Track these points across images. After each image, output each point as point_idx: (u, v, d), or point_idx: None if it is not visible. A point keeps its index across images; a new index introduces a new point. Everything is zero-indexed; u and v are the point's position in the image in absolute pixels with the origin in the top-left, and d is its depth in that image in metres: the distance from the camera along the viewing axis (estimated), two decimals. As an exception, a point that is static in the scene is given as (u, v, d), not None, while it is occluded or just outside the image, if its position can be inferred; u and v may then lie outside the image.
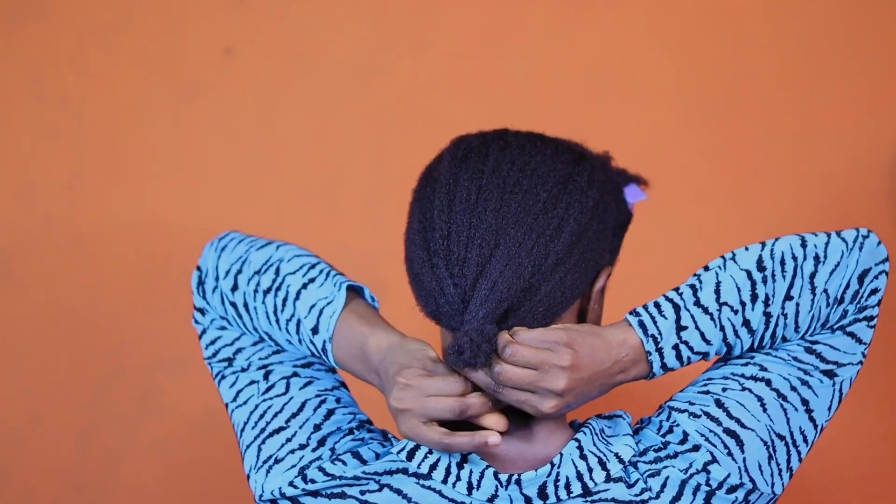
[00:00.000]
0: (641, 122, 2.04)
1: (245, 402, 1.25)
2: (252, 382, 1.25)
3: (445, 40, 2.04)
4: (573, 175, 1.19)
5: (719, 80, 2.04)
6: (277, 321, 1.24)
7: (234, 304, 1.27)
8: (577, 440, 1.17)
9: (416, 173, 1.26)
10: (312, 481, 1.17)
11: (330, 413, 1.23)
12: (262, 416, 1.23)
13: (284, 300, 1.23)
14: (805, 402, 1.19)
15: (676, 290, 1.18)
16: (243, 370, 1.26)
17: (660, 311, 1.17)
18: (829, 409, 1.20)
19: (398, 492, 1.16)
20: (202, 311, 1.31)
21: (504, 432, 1.16)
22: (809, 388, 1.19)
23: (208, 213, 2.00)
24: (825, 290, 1.18)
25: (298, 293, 1.23)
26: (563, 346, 1.13)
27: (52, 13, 1.99)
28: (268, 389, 1.24)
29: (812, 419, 1.19)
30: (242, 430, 1.24)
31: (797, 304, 1.18)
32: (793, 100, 2.04)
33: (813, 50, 2.04)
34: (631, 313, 1.17)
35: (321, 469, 1.18)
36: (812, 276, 1.18)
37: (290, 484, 1.18)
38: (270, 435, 1.22)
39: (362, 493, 1.17)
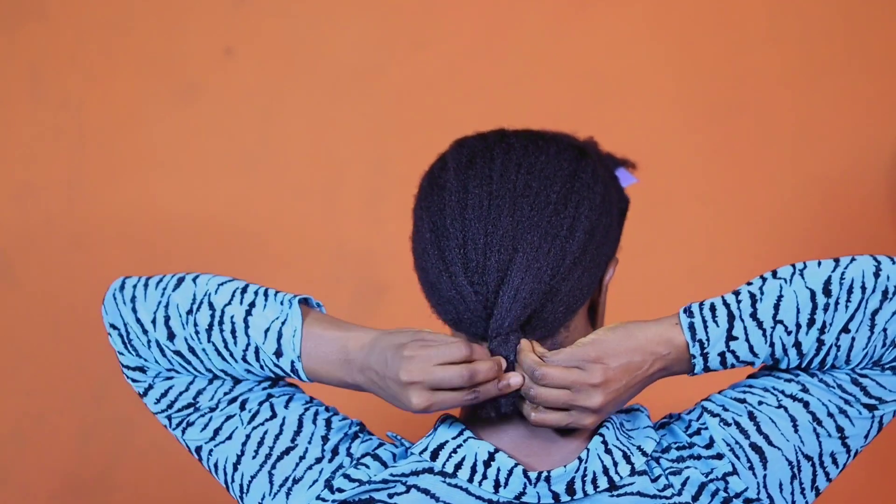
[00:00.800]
0: (641, 122, 2.04)
1: (230, 437, 1.21)
2: (230, 417, 1.21)
3: (445, 40, 2.04)
4: (578, 172, 1.19)
5: (719, 80, 2.04)
6: (232, 355, 1.19)
7: (178, 353, 1.21)
8: (602, 435, 1.17)
9: (416, 173, 1.26)
10: (340, 490, 1.16)
11: (328, 422, 1.21)
12: (260, 443, 1.20)
13: (233, 332, 1.19)
14: (840, 429, 1.18)
15: (736, 294, 1.17)
16: (212, 410, 1.21)
17: (714, 317, 1.15)
18: (867, 437, 1.19)
19: (426, 492, 1.15)
20: (141, 370, 1.23)
21: (519, 423, 1.17)
22: (847, 417, 1.18)
23: (208, 213, 1.99)
24: (884, 329, 1.16)
25: (246, 321, 1.19)
26: (593, 362, 1.13)
27: (52, 13, 1.99)
28: (252, 418, 1.21)
29: (846, 445, 1.18)
30: (237, 464, 1.20)
31: (853, 339, 1.16)
32: (793, 100, 2.03)
33: (813, 50, 2.04)
34: (684, 311, 1.16)
35: (346, 476, 1.17)
36: (875, 312, 1.15)
37: (318, 497, 1.17)
38: (280, 458, 1.19)
39: (390, 496, 1.16)
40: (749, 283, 1.18)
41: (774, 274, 1.17)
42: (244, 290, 1.21)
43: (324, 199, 2.02)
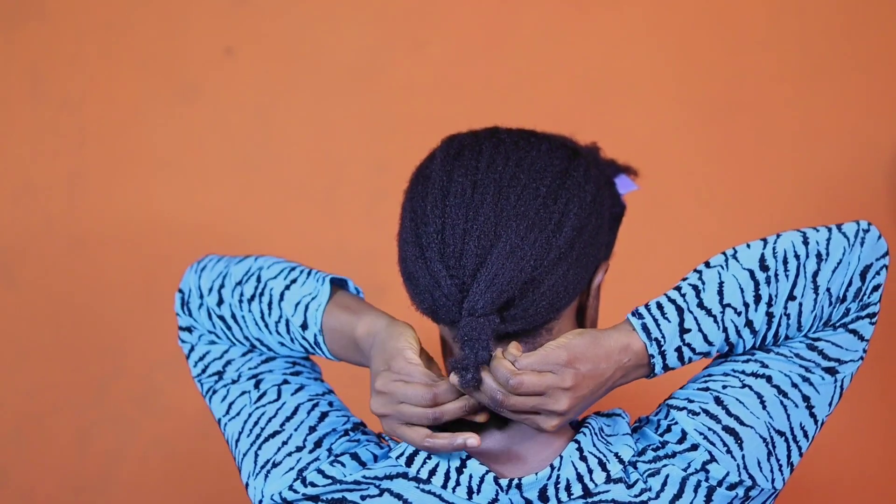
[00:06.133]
0: (641, 122, 2.04)
1: (238, 414, 1.25)
2: (243, 393, 1.25)
3: (445, 40, 2.04)
4: (569, 170, 1.19)
5: (719, 80, 2.04)
6: (266, 325, 1.25)
7: (221, 318, 1.28)
8: (577, 441, 1.17)
9: (416, 173, 1.26)
10: (312, 484, 1.17)
11: (324, 415, 1.23)
12: (256, 424, 1.23)
13: (270, 304, 1.24)
14: (806, 398, 1.18)
15: (678, 289, 1.17)
16: (233, 382, 1.27)
17: (663, 314, 1.16)
18: (830, 404, 1.20)
19: (398, 496, 1.16)
20: (189, 330, 1.31)
21: (495, 429, 1.17)
22: (811, 384, 1.18)
23: (208, 213, 2.00)
24: (828, 289, 1.17)
25: (282, 294, 1.23)
26: (565, 366, 1.12)
27: (52, 13, 1.99)
28: (260, 398, 1.24)
29: (813, 415, 1.19)
30: (237, 441, 1.24)
31: (800, 304, 1.17)
32: (792, 100, 2.04)
33: (813, 50, 2.04)
34: (633, 315, 1.16)
35: (320, 471, 1.17)
36: (815, 274, 1.17)
37: (290, 488, 1.18)
38: (266, 440, 1.21)
39: (363, 497, 1.16)
40: (685, 278, 1.18)
41: (708, 264, 1.18)
42: (292, 269, 1.26)
43: (324, 199, 2.02)
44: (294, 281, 1.24)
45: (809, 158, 2.03)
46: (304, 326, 1.22)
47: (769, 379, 1.18)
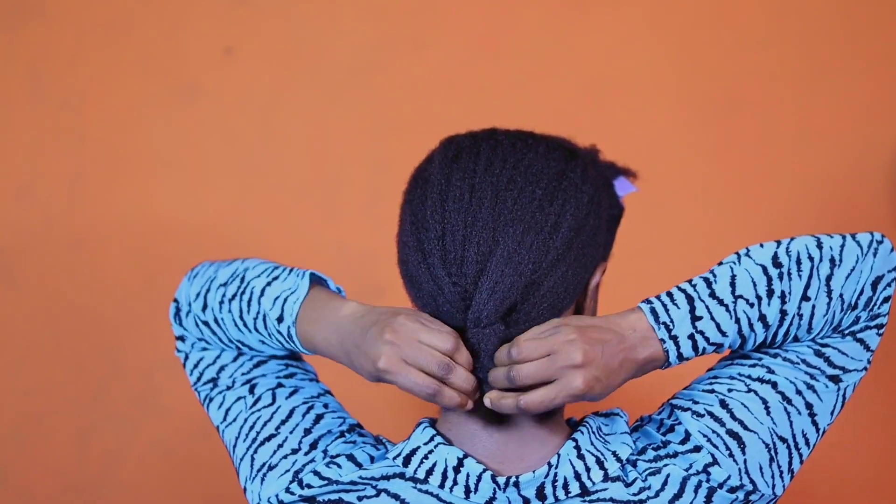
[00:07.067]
0: (641, 122, 2.04)
1: (234, 419, 1.25)
2: (239, 398, 1.26)
3: (445, 40, 2.04)
4: (567, 172, 1.19)
5: (719, 79, 2.04)
6: (245, 324, 1.24)
7: (206, 323, 1.28)
8: (575, 440, 1.17)
9: (415, 174, 1.26)
10: (308, 486, 1.17)
11: (319, 417, 1.23)
12: (251, 428, 1.23)
13: (249, 301, 1.23)
14: (809, 406, 1.19)
15: (689, 282, 1.18)
16: (228, 388, 1.27)
17: (672, 301, 1.16)
18: (833, 413, 1.20)
19: (395, 496, 1.16)
20: (182, 339, 1.32)
21: (493, 427, 1.18)
22: (815, 392, 1.19)
23: (208, 213, 2.00)
24: (840, 295, 1.18)
25: (263, 291, 1.23)
26: (563, 325, 1.13)
27: (52, 13, 1.99)
28: (255, 402, 1.24)
29: (815, 423, 1.19)
30: (234, 447, 1.24)
31: (813, 306, 1.17)
32: (793, 100, 2.04)
33: (813, 50, 2.04)
34: (643, 301, 1.17)
35: (316, 472, 1.18)
36: (828, 278, 1.17)
37: (287, 490, 1.18)
38: (262, 443, 1.22)
39: (360, 498, 1.16)
40: (697, 276, 1.19)
41: (720, 263, 1.19)
42: (275, 268, 1.25)
43: (324, 199, 2.02)
44: (276, 278, 1.24)
45: (809, 158, 2.03)
46: (280, 319, 1.21)
47: (774, 385, 1.18)
